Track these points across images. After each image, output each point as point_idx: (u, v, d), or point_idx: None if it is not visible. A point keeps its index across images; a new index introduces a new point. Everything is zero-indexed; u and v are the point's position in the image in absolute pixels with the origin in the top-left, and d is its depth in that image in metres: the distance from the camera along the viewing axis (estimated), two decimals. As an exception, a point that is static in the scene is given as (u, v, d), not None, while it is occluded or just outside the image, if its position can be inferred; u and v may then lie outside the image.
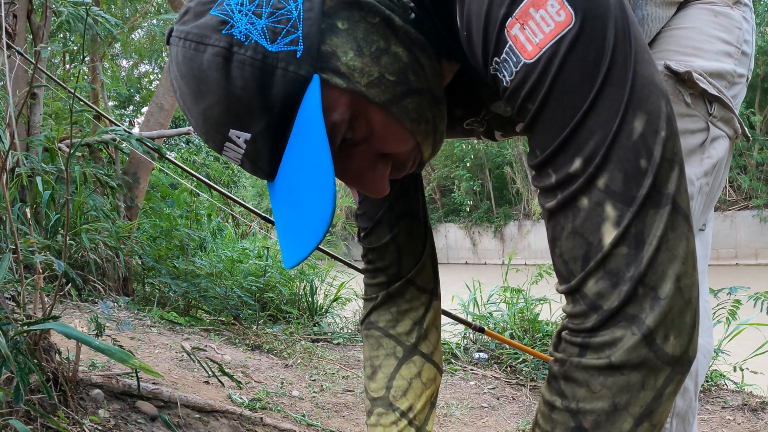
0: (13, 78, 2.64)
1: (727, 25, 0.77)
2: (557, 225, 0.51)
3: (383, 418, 0.83)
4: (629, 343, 0.48)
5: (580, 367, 0.51)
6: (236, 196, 7.07)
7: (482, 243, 16.44)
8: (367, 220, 0.85)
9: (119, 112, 11.27)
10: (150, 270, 3.79)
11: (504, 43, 0.50)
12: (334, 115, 0.53)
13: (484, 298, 3.58)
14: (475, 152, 16.19)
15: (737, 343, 2.72)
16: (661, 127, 0.48)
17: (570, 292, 0.52)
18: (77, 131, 3.56)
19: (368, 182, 0.61)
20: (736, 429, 2.08)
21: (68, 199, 1.24)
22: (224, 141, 0.54)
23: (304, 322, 3.83)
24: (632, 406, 0.49)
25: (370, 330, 0.87)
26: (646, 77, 0.48)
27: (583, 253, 0.50)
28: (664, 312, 0.48)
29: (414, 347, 0.85)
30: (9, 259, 1.04)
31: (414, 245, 0.85)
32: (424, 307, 0.87)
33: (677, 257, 0.48)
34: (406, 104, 0.56)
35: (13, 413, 1.04)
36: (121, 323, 1.45)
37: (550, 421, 0.53)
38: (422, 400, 0.84)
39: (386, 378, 0.84)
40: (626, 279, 0.48)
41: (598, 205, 0.48)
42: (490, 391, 2.52)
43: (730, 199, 12.65)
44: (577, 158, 0.48)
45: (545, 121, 0.50)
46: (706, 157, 0.72)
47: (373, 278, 0.88)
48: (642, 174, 0.47)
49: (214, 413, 1.56)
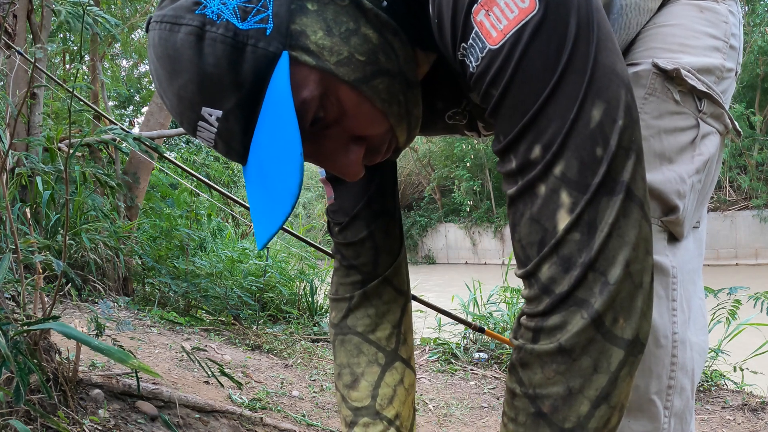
0: (13, 78, 2.64)
1: (714, 19, 0.76)
2: (517, 211, 0.53)
3: (371, 428, 0.80)
4: (578, 327, 0.49)
5: (534, 354, 0.52)
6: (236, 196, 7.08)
7: (482, 243, 16.43)
8: (342, 215, 0.83)
9: (119, 112, 11.27)
10: (150, 270, 3.79)
11: (470, 29, 0.51)
12: (304, 92, 0.53)
13: (484, 298, 3.57)
14: (475, 152, 16.18)
15: (737, 343, 2.71)
16: (619, 116, 0.49)
17: (526, 276, 0.53)
18: (77, 131, 3.56)
19: (342, 165, 0.61)
20: (736, 429, 2.08)
21: (68, 199, 1.24)
22: (198, 120, 0.54)
23: (304, 322, 3.83)
24: (587, 389, 0.50)
25: (347, 335, 0.84)
26: (607, 66, 0.49)
27: (539, 239, 0.51)
28: (613, 296, 0.49)
29: (395, 353, 0.84)
30: (9, 259, 1.04)
31: (391, 244, 0.84)
32: (401, 310, 0.85)
33: (628, 243, 0.49)
34: (377, 84, 0.56)
35: (13, 413, 1.04)
36: (121, 323, 1.45)
37: (513, 408, 0.55)
38: (406, 407, 0.83)
39: (371, 386, 0.82)
40: (577, 264, 0.49)
41: (554, 192, 0.49)
42: (490, 391, 2.52)
43: (730, 199, 12.64)
44: (536, 145, 0.49)
45: (508, 108, 0.51)
46: (698, 155, 0.72)
47: (346, 276, 0.85)
48: (597, 162, 0.48)
49: (214, 413, 1.56)
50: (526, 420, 0.53)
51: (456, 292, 3.81)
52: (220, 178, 8.12)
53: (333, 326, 0.87)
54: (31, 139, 2.73)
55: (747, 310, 2.65)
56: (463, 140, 16.20)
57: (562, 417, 0.50)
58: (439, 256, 17.25)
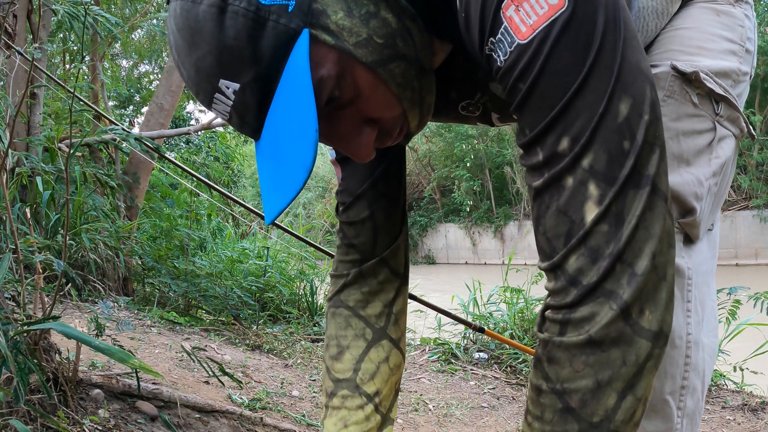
0: (13, 78, 2.64)
1: (730, 23, 0.77)
2: (542, 203, 0.53)
3: (348, 401, 0.81)
4: (607, 318, 0.50)
5: (562, 347, 0.52)
6: (236, 196, 7.07)
7: (482, 243, 16.43)
8: (348, 195, 0.85)
9: (119, 112, 11.26)
10: (150, 270, 3.79)
11: (500, 23, 0.52)
12: (322, 70, 0.54)
13: (484, 298, 3.57)
14: (475, 152, 16.18)
15: (737, 343, 2.71)
16: (645, 110, 0.50)
17: (552, 268, 0.53)
18: (77, 131, 3.56)
19: (354, 146, 0.62)
20: (736, 429, 2.08)
21: (68, 199, 1.24)
22: (214, 92, 0.55)
23: (304, 322, 3.83)
24: (615, 382, 0.50)
25: (339, 308, 0.86)
26: (633, 63, 0.50)
27: (566, 231, 0.51)
28: (640, 287, 0.49)
29: (383, 331, 0.85)
30: (9, 259, 1.04)
31: (391, 226, 0.85)
32: (395, 291, 0.86)
33: (654, 235, 0.50)
34: (393, 68, 0.57)
35: (13, 413, 1.04)
36: (121, 323, 1.45)
37: (539, 406, 0.54)
38: (388, 386, 0.83)
39: (354, 360, 0.83)
40: (605, 255, 0.50)
41: (582, 185, 0.50)
42: (490, 391, 2.52)
43: (730, 199, 12.63)
44: (564, 137, 0.50)
45: (535, 101, 0.51)
46: (714, 157, 0.73)
47: (345, 255, 0.87)
48: (625, 155, 0.49)
49: (214, 413, 1.56)
50: (554, 417, 0.52)
51: (456, 292, 3.81)
52: (220, 178, 8.13)
53: (328, 300, 0.89)
54: (31, 138, 2.73)
55: (747, 310, 2.65)
56: (463, 140, 16.21)
57: (590, 411, 0.50)
58: (439, 256, 17.25)
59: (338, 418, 0.81)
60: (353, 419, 0.80)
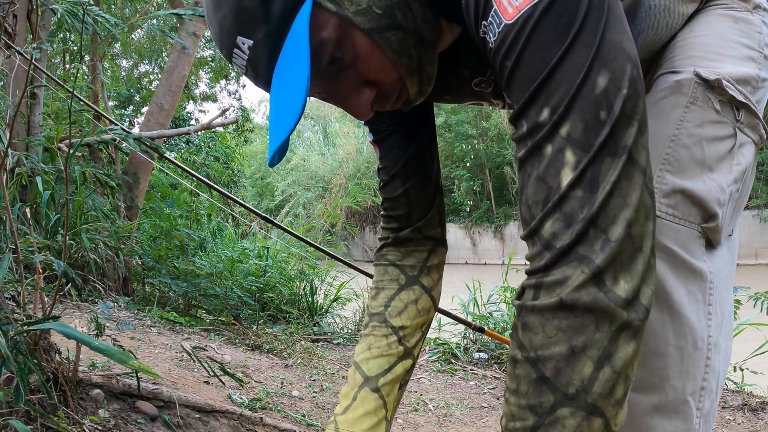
0: (13, 78, 2.64)
1: (748, 30, 0.78)
2: (525, 173, 0.55)
3: (376, 330, 0.94)
4: (578, 281, 0.50)
5: (534, 311, 0.53)
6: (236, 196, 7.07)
7: (482, 243, 16.43)
8: (385, 173, 0.96)
9: (119, 112, 11.26)
10: (150, 270, 3.79)
11: (490, 7, 0.56)
12: (323, 33, 0.61)
13: (484, 298, 3.57)
14: (475, 152, 16.19)
15: (737, 343, 2.70)
16: (624, 85, 0.52)
17: (530, 235, 0.55)
18: (77, 131, 3.56)
19: (353, 105, 0.68)
20: (736, 429, 2.08)
21: (68, 199, 1.24)
22: (233, 47, 0.63)
23: (304, 322, 3.83)
24: (590, 349, 0.50)
25: (380, 260, 0.99)
26: (614, 42, 0.53)
27: (543, 197, 0.53)
28: (614, 254, 0.50)
29: (416, 278, 0.96)
30: (9, 259, 1.04)
31: (423, 200, 0.96)
32: (428, 250, 0.98)
33: (630, 204, 0.51)
34: (389, 36, 0.63)
35: (13, 413, 1.04)
36: (121, 323, 1.45)
37: (515, 378, 0.54)
38: (414, 324, 0.94)
39: (386, 298, 0.95)
40: (579, 220, 0.51)
41: (560, 152, 0.52)
42: (490, 391, 2.52)
43: (730, 199, 12.63)
44: (545, 108, 0.53)
45: (520, 77, 0.54)
46: (736, 164, 0.73)
47: (387, 223, 0.99)
48: (601, 124, 0.51)
49: (214, 413, 1.56)
50: (528, 388, 0.52)
51: (456, 292, 3.80)
52: (220, 178, 8.13)
53: (374, 256, 1.03)
54: (31, 139, 2.73)
55: (747, 310, 2.65)
56: (463, 140, 16.20)
57: (565, 381, 0.50)
58: (439, 256, 17.21)
59: (365, 342, 0.94)
60: (377, 344, 0.92)
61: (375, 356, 0.91)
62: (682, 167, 0.71)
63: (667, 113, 0.73)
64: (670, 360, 0.68)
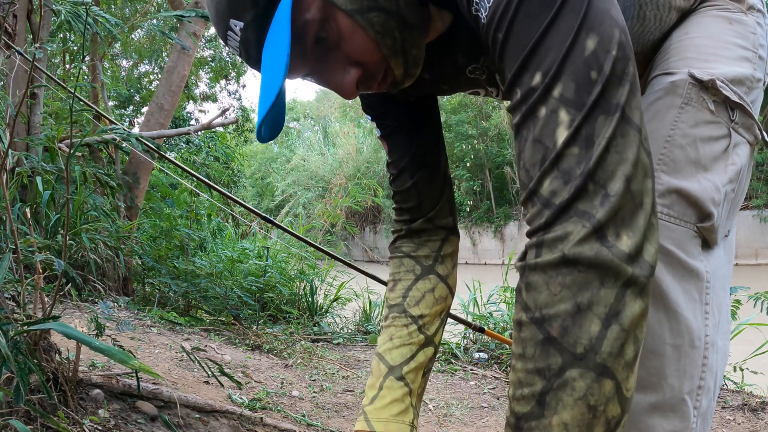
0: (13, 78, 2.64)
1: (742, 31, 0.79)
2: (521, 138, 0.56)
3: (396, 321, 0.96)
4: (580, 235, 0.50)
5: (537, 269, 0.52)
6: (236, 196, 7.07)
7: (482, 243, 16.44)
8: (394, 167, 0.99)
9: (119, 112, 11.26)
10: (150, 270, 3.79)
11: None
12: (307, 14, 0.64)
13: (484, 298, 3.57)
14: (475, 152, 16.19)
15: (737, 343, 2.71)
16: (613, 47, 0.53)
17: (529, 196, 0.55)
18: (77, 131, 3.56)
19: (339, 84, 0.70)
20: (736, 429, 2.08)
21: (68, 199, 1.24)
22: (227, 29, 0.67)
23: (304, 322, 3.83)
24: (596, 306, 0.49)
25: (395, 252, 1.02)
26: (601, 8, 0.54)
27: (540, 158, 0.53)
28: (614, 209, 0.50)
29: (431, 268, 0.99)
30: (9, 259, 1.04)
31: (433, 191, 0.98)
32: (441, 240, 1.00)
33: (627, 160, 0.51)
34: (371, 17, 0.65)
35: (13, 413, 1.04)
36: (121, 323, 1.45)
37: (521, 342, 0.53)
38: (433, 312, 0.96)
39: (404, 289, 0.98)
40: (577, 175, 0.51)
41: (554, 113, 0.53)
42: (490, 391, 2.52)
43: (730, 199, 12.63)
44: (537, 73, 0.54)
45: (511, 47, 0.56)
46: (730, 164, 0.73)
47: (399, 216, 1.02)
48: (592, 84, 0.52)
49: (214, 413, 1.56)
50: (535, 351, 0.51)
51: (456, 292, 3.80)
52: (220, 178, 8.13)
53: (389, 248, 1.05)
54: (31, 138, 2.73)
55: (747, 310, 2.65)
56: (463, 140, 16.21)
57: (572, 340, 0.49)
58: (439, 256, 17.21)
59: (387, 334, 0.96)
60: (398, 334, 0.94)
61: (397, 346, 0.93)
62: (677, 167, 0.71)
63: (662, 114, 0.73)
64: (667, 359, 0.68)
